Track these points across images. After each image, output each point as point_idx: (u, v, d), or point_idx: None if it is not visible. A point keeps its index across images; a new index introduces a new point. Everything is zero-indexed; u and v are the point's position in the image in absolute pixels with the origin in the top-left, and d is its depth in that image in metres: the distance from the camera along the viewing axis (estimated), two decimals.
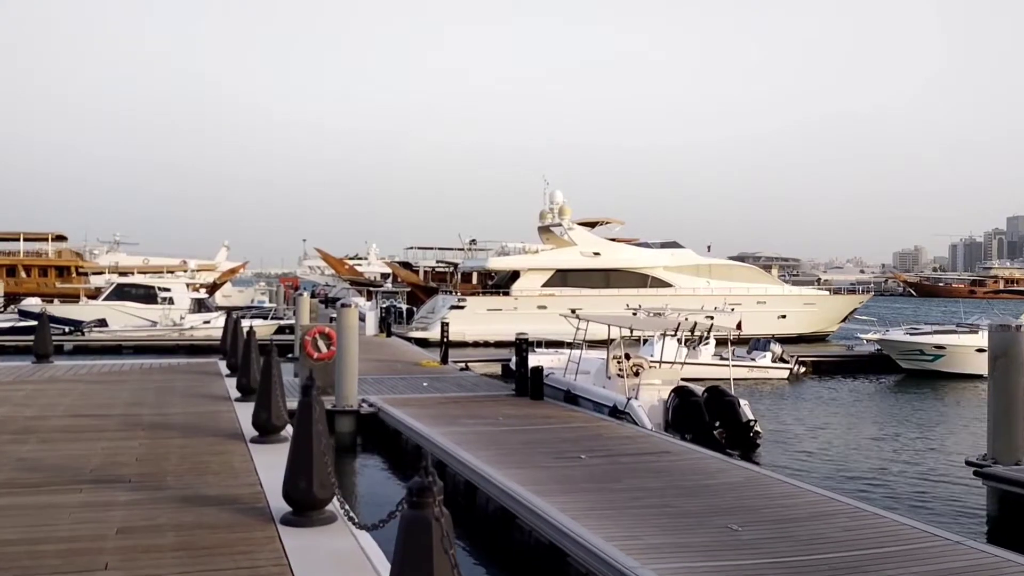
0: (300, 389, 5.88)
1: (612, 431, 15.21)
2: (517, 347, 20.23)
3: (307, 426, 5.68)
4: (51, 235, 62.91)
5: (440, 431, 14.91)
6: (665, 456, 13.01)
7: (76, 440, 9.54)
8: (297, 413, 5.80)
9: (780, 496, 10.60)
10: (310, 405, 5.73)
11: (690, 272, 45.06)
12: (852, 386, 28.33)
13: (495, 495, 10.97)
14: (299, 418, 5.74)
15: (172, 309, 39.46)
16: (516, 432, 15.00)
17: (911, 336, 30.59)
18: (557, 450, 13.38)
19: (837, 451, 17.42)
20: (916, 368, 30.21)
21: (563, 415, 17.01)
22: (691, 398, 16.70)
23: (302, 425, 5.71)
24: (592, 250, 44.35)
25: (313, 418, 5.69)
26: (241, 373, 11.83)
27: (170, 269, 53.98)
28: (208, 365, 17.14)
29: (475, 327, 40.14)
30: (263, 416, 8.77)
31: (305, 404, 5.75)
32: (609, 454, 13.12)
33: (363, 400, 18.33)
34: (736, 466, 12.44)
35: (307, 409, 5.72)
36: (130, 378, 15.13)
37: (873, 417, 21.96)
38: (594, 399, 18.59)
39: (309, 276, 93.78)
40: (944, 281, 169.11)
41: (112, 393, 13.18)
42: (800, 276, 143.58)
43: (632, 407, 17.02)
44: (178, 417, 11.06)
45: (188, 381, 14.66)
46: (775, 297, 45.29)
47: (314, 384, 5.86)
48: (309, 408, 5.72)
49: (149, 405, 12.07)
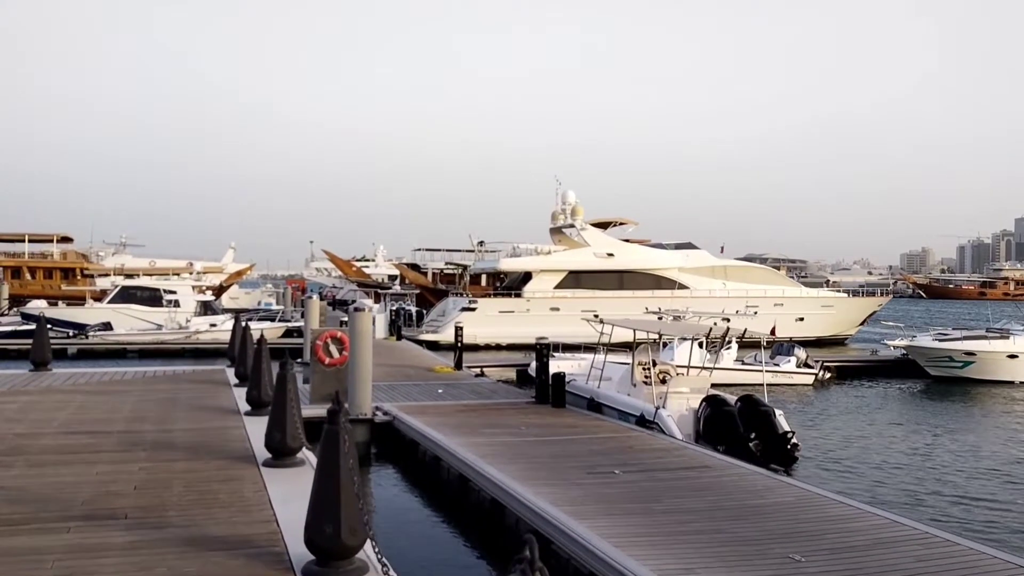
0: (327, 416, 4.91)
1: (643, 443, 14.32)
2: (538, 352, 19.32)
3: (334, 460, 4.71)
4: (56, 236, 62.25)
5: (460, 442, 14.04)
6: (706, 472, 12.11)
7: (69, 464, 8.47)
8: (322, 444, 4.83)
9: (838, 519, 9.69)
10: (337, 435, 4.77)
11: (706, 274, 44.10)
12: (881, 393, 27.36)
13: (527, 516, 10.08)
14: (324, 450, 4.76)
15: (178, 312, 38.65)
16: (542, 443, 14.12)
17: (940, 342, 29.60)
18: (588, 464, 12.50)
19: (880, 465, 16.47)
20: (945, 375, 29.23)
21: (589, 425, 16.12)
22: (724, 408, 15.78)
23: (328, 459, 4.74)
24: (606, 251, 43.43)
25: (341, 451, 4.71)
26: (251, 385, 10.92)
27: (176, 271, 53.15)
28: (215, 373, 16.20)
29: (486, 329, 39.27)
30: (277, 437, 7.82)
31: (332, 434, 4.79)
32: (644, 468, 12.23)
33: (377, 408, 17.49)
34: (784, 483, 11.54)
35: (334, 440, 4.76)
36: (132, 388, 14.14)
37: (911, 427, 20.98)
38: (620, 408, 17.69)
39: (316, 278, 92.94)
40: (954, 283, 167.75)
41: (112, 406, 12.20)
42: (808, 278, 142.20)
43: (661, 417, 16.12)
44: (183, 434, 10.06)
45: (194, 391, 13.69)
46: (792, 299, 44.29)
47: (341, 408, 4.94)
48: (336, 438, 4.75)
49: (151, 420, 11.06)
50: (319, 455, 4.86)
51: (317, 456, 4.92)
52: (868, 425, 21.10)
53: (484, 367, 27.32)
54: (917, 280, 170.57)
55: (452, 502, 12.91)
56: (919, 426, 21.05)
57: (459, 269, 57.86)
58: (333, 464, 4.72)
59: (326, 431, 4.84)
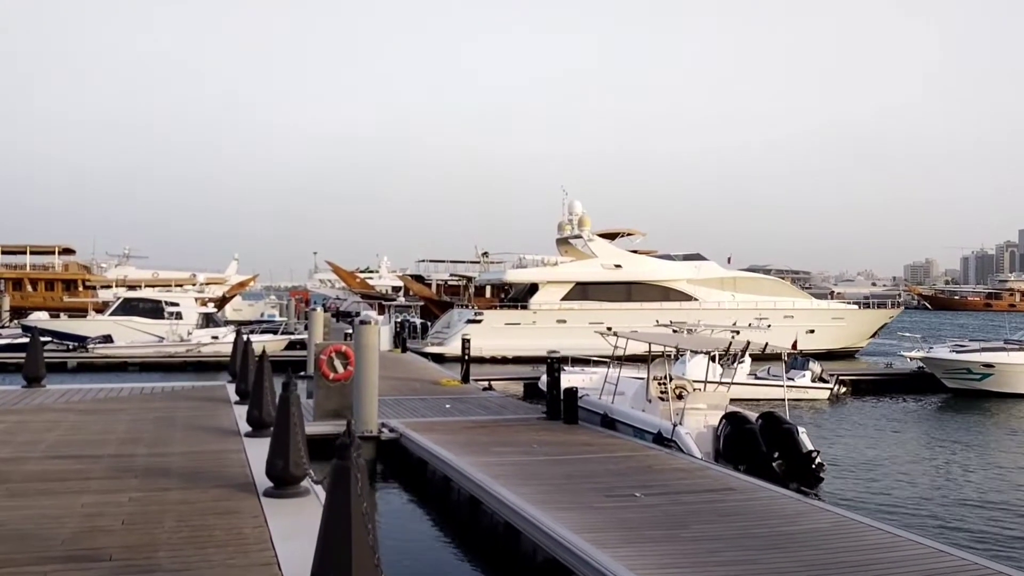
0: (336, 450, 4.27)
1: (663, 462, 13.70)
2: (549, 367, 18.72)
3: (343, 501, 4.05)
4: (58, 248, 61.80)
5: (471, 461, 13.43)
6: (731, 495, 11.47)
7: (52, 494, 7.77)
8: (331, 481, 4.19)
9: (879, 548, 9.06)
10: (348, 472, 4.13)
11: (715, 285, 43.45)
12: (899, 407, 26.68)
13: (545, 544, 9.46)
14: (334, 490, 4.11)
15: (180, 324, 38.05)
16: (556, 463, 13.50)
17: (957, 354, 28.93)
18: (606, 486, 11.88)
19: (907, 485, 15.78)
20: (963, 388, 28.54)
21: (603, 443, 15.50)
22: (745, 425, 15.13)
23: (338, 500, 4.08)
24: (613, 262, 42.81)
25: (353, 492, 4.05)
26: (252, 404, 10.29)
27: (178, 283, 52.61)
28: (215, 390, 15.55)
29: (492, 342, 38.60)
30: (279, 464, 7.17)
31: (342, 471, 4.14)
32: (666, 491, 11.61)
33: (383, 425, 16.89)
34: (816, 508, 10.90)
35: (344, 477, 4.12)
36: (128, 406, 13.44)
37: (935, 443, 20.25)
38: (635, 424, 17.05)
39: (320, 290, 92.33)
40: (959, 294, 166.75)
41: (106, 425, 11.52)
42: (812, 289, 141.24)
43: (679, 434, 15.48)
44: (178, 459, 9.38)
45: (192, 410, 13.02)
46: (803, 311, 43.61)
47: (353, 441, 4.31)
48: (347, 476, 4.12)
49: (146, 442, 10.35)
50: (328, 493, 4.26)
51: (326, 493, 4.31)
52: (890, 442, 20.42)
53: (492, 380, 26.66)
54: (922, 291, 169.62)
55: (462, 525, 12.29)
56: (943, 442, 20.36)
57: (463, 280, 57.25)
58: (343, 506, 4.09)
59: (336, 467, 4.22)
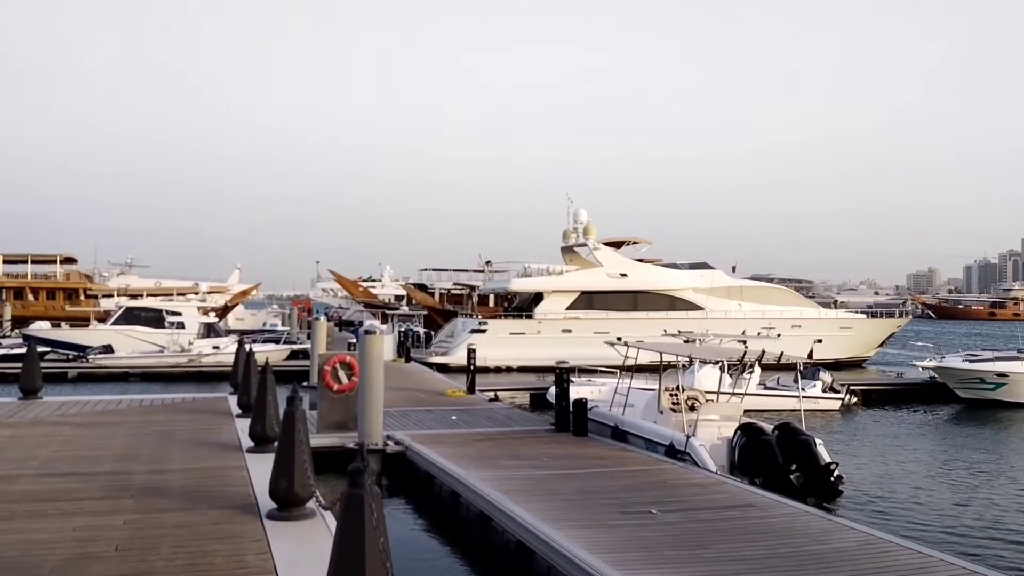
0: (349, 477, 3.85)
1: (678, 476, 13.28)
2: (557, 377, 18.33)
3: (357, 534, 3.63)
4: (60, 257, 61.51)
5: (480, 476, 13.02)
6: (751, 511, 11.05)
7: (43, 516, 7.35)
8: (343, 511, 3.79)
9: (910, 569, 8.64)
10: (362, 502, 3.71)
11: (721, 294, 43.05)
12: (911, 418, 26.25)
13: (560, 564, 9.06)
14: (346, 521, 3.68)
15: (181, 334, 37.67)
16: (567, 477, 13.09)
17: (970, 363, 28.50)
18: (621, 502, 11.47)
19: (926, 499, 15.32)
20: (975, 398, 28.10)
21: (615, 456, 15.08)
22: (761, 437, 14.72)
23: (350, 532, 3.65)
24: (619, 271, 42.43)
25: (367, 524, 3.62)
26: (255, 418, 9.88)
27: (181, 292, 52.30)
28: (217, 402, 15.13)
29: (497, 352, 38.17)
30: (283, 485, 6.75)
31: (355, 501, 3.70)
32: (683, 507, 11.19)
33: (388, 437, 16.47)
34: (841, 525, 10.48)
35: (357, 508, 3.68)
36: (126, 420, 12.99)
37: (950, 455, 19.79)
38: (647, 436, 16.64)
39: (322, 299, 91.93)
40: (963, 303, 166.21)
41: (102, 441, 11.07)
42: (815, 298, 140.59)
43: (692, 447, 15.07)
44: (177, 477, 8.94)
45: (193, 423, 12.59)
46: (811, 321, 43.20)
47: (367, 467, 3.91)
48: (360, 506, 3.70)
49: (144, 459, 9.89)
50: (339, 525, 3.85)
51: (336, 524, 3.91)
52: (906, 454, 19.97)
53: (498, 391, 26.24)
54: (926, 300, 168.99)
55: (472, 542, 11.88)
56: (960, 455, 19.89)
57: (466, 289, 56.90)
58: (356, 541, 3.66)
59: (348, 497, 3.81)
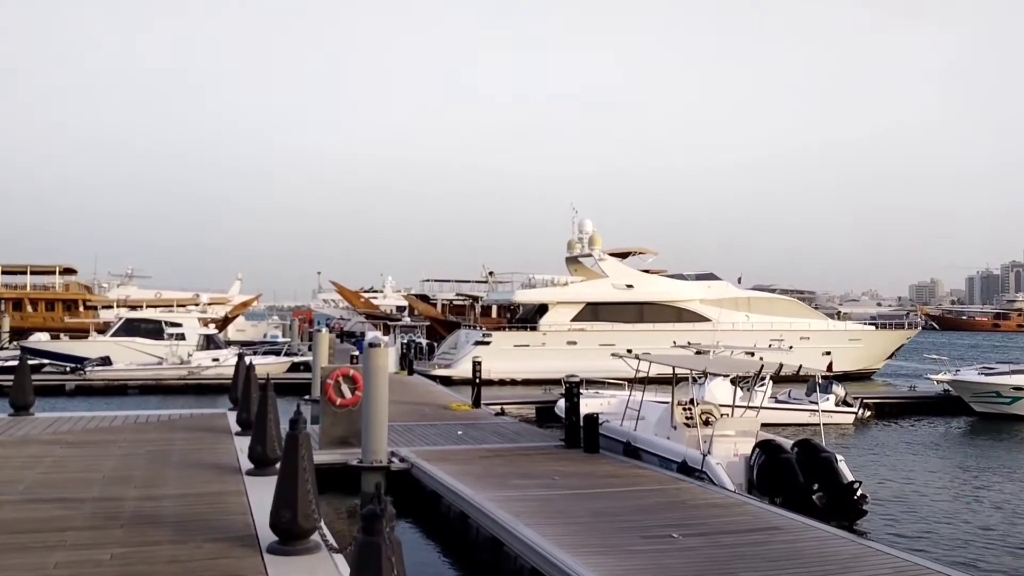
0: (363, 521, 3.31)
1: (696, 496, 12.71)
2: (567, 391, 17.77)
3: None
4: (59, 268, 61.03)
5: (490, 496, 12.46)
6: (777, 535, 10.48)
7: (23, 549, 6.71)
8: (355, 563, 3.26)
9: None
10: (379, 553, 3.17)
11: (728, 306, 42.47)
12: (928, 432, 25.64)
13: None
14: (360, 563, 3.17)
15: (180, 345, 37.12)
16: (581, 498, 12.52)
17: (986, 377, 27.91)
18: (639, 525, 10.90)
19: (960, 520, 14.67)
20: (991, 411, 27.51)
21: (629, 474, 14.52)
22: (781, 455, 14.13)
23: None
24: (625, 282, 41.88)
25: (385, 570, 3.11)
26: (255, 439, 9.28)
27: (181, 303, 51.78)
28: (215, 419, 14.51)
29: (500, 364, 37.58)
30: (286, 516, 6.14)
31: (371, 550, 3.17)
32: (705, 530, 10.62)
33: (393, 454, 15.91)
34: (873, 550, 9.90)
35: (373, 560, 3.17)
36: (119, 438, 12.31)
37: (977, 474, 18.96)
38: (660, 453, 16.05)
39: (323, 309, 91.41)
40: (967, 314, 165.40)
41: (93, 461, 10.42)
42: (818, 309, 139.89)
43: (709, 465, 14.49)
44: (171, 503, 8.28)
45: (190, 442, 11.93)
46: (819, 332, 42.60)
47: (386, 511, 3.35)
48: (377, 559, 3.16)
49: (136, 482, 9.21)
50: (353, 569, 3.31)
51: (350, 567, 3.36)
52: (925, 470, 19.37)
53: (504, 404, 25.66)
54: (930, 311, 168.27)
55: (482, 568, 11.31)
56: (983, 472, 19.20)
57: (469, 300, 56.33)
58: None
59: (363, 545, 3.26)
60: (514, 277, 49.78)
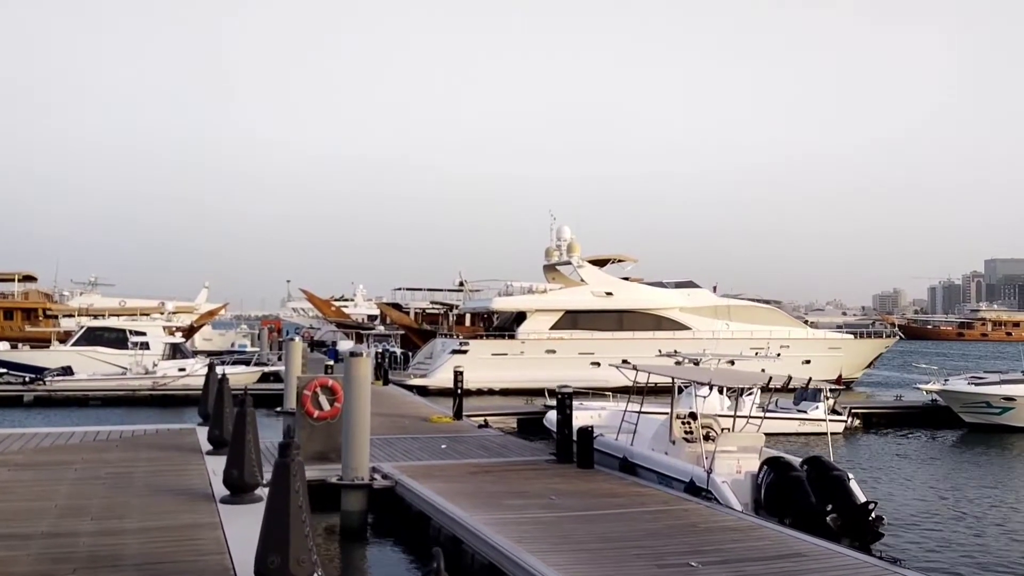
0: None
1: (707, 518, 11.84)
2: (559, 403, 16.85)
3: None
4: (18, 275, 58.90)
5: (485, 519, 11.49)
6: (804, 563, 9.64)
7: None
8: None
9: None
10: None
11: (708, 314, 41.86)
12: (919, 443, 25.07)
13: None
14: None
15: (145, 355, 35.69)
16: (584, 520, 11.60)
17: (976, 387, 27.43)
18: (652, 551, 10.00)
19: (976, 543, 13.94)
20: (981, 422, 27.03)
21: (630, 492, 13.62)
22: (791, 473, 13.30)
23: None
24: (604, 290, 41.10)
25: None
26: (232, 461, 8.08)
27: (144, 311, 50.13)
28: (183, 435, 13.28)
29: (478, 373, 36.53)
30: (275, 562, 5.11)
31: None
32: (725, 558, 9.74)
33: (374, 469, 14.89)
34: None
35: None
36: (76, 458, 10.97)
37: (982, 489, 18.23)
38: (660, 470, 15.18)
39: (292, 318, 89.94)
40: (932, 323, 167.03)
41: (45, 487, 9.13)
42: None
43: (715, 483, 13.62)
44: (134, 540, 6.99)
45: (155, 463, 10.61)
46: (799, 341, 42.10)
47: None
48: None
49: (93, 513, 8.03)
50: None
51: None
52: (928, 484, 18.70)
53: (486, 415, 24.67)
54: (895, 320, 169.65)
55: None
56: (988, 487, 18.49)
57: (443, 308, 55.25)
58: None
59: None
60: (489, 285, 48.87)
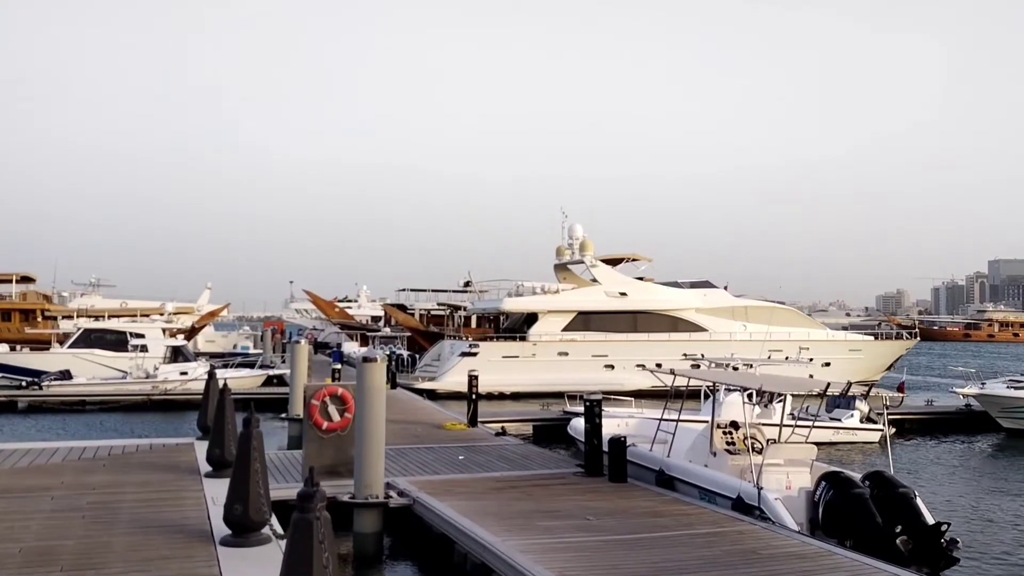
0: None
1: (766, 542, 10.54)
2: (587, 410, 15.58)
3: None
4: (16, 276, 57.68)
5: (519, 545, 10.22)
6: None
7: None
8: None
9: None
10: None
11: (725, 315, 40.53)
12: (960, 450, 23.80)
13: None
14: None
15: (145, 357, 34.44)
16: (630, 545, 10.31)
17: (1016, 390, 26.14)
18: None
19: None
20: (1020, 428, 25.75)
21: (673, 511, 12.33)
22: (853, 490, 12.01)
23: None
24: (618, 290, 39.79)
25: None
26: (234, 494, 6.57)
27: (145, 312, 48.88)
28: (180, 452, 11.93)
29: (488, 376, 35.00)
30: None
31: None
32: None
33: (389, 485, 13.60)
34: None
35: None
36: (56, 481, 9.54)
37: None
38: (704, 485, 13.88)
39: (296, 320, 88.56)
40: (939, 324, 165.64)
41: (15, 523, 7.68)
42: None
43: (767, 500, 12.34)
44: None
45: (145, 489, 9.21)
46: (819, 343, 40.77)
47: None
48: None
49: (65, 561, 6.69)
50: None
51: None
52: (985, 499, 17.40)
53: (503, 422, 23.39)
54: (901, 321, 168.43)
55: None
56: None
57: (448, 310, 53.99)
58: None
59: None
60: (497, 285, 47.63)
